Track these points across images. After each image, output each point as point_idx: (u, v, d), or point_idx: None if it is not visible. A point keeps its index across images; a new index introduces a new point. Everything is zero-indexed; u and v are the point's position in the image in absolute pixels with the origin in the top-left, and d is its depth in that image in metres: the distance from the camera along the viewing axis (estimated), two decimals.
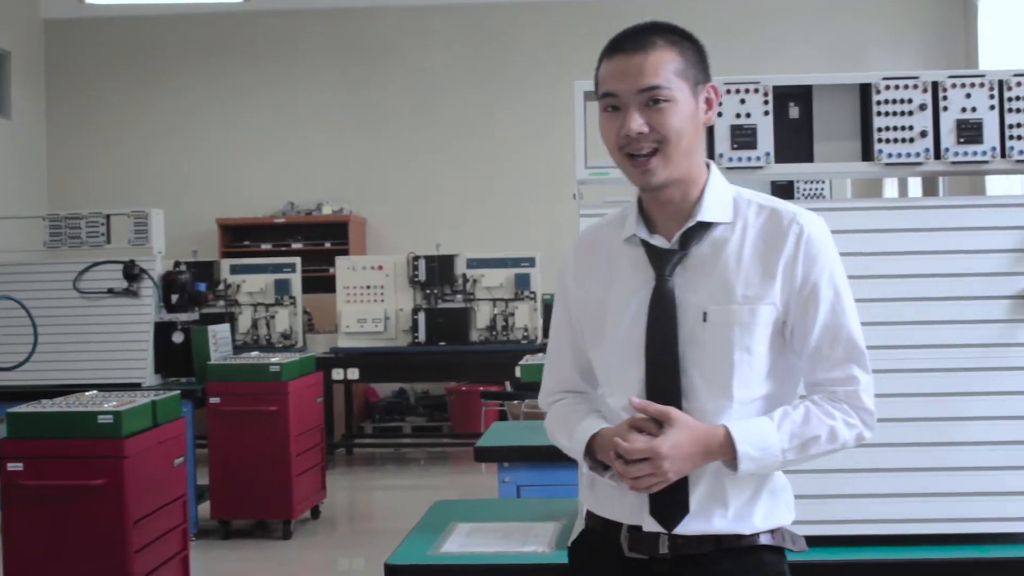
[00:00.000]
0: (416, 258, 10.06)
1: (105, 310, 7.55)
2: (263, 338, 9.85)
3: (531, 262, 10.03)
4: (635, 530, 2.28)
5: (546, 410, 2.49)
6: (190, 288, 7.65)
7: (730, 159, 3.22)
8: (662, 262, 2.27)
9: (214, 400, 7.22)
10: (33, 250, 8.40)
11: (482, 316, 9.99)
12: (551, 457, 4.26)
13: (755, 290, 2.24)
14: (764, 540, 2.28)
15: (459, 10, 12.35)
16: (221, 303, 9.64)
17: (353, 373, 9.72)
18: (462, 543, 3.11)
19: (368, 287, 10.07)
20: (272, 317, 9.89)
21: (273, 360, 7.45)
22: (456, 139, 12.36)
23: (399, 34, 12.37)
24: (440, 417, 11.43)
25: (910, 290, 3.10)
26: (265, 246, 12.05)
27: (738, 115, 3.22)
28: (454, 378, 10.87)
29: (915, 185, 6.65)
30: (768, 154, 3.21)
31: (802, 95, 3.26)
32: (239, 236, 12.28)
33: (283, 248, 11.88)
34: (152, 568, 4.98)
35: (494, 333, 9.93)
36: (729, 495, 2.25)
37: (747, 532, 2.26)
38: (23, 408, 4.88)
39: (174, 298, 7.53)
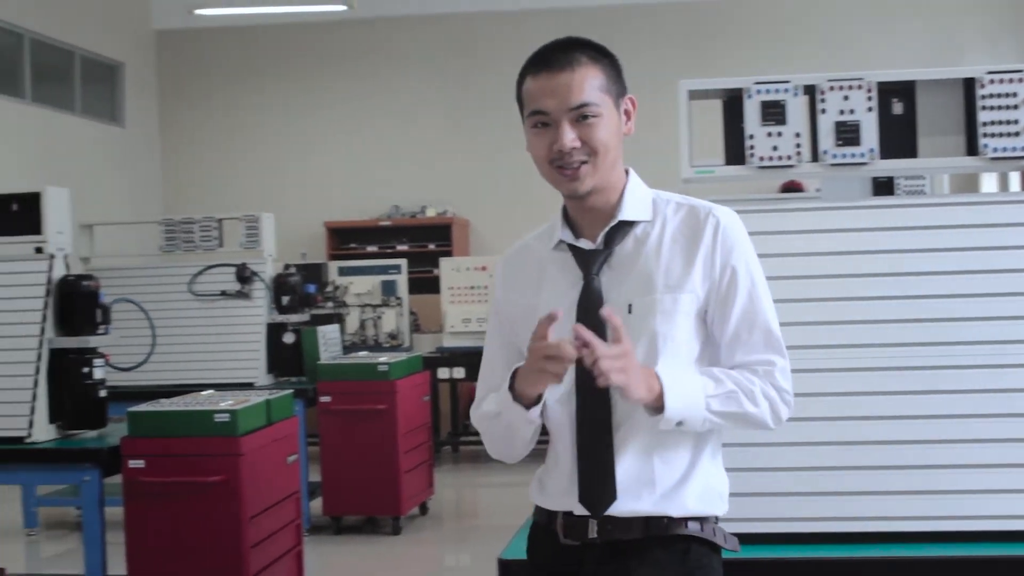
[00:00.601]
0: None
1: (219, 312, 7.68)
2: (370, 338, 10.00)
3: None
4: (568, 516, 2.36)
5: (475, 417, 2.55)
6: (300, 290, 7.77)
7: (834, 156, 3.22)
8: (589, 263, 2.38)
9: (324, 399, 7.35)
10: (149, 254, 8.62)
11: None
12: None
13: (676, 280, 2.34)
14: (693, 530, 2.33)
15: (558, 13, 12.39)
16: (330, 304, 9.79)
17: (459, 372, 9.81)
18: None
19: (472, 287, 10.15)
20: (379, 318, 10.04)
21: (381, 360, 7.56)
22: None
23: (499, 38, 12.45)
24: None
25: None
26: (371, 248, 12.23)
27: (842, 112, 3.22)
28: None
29: (1015, 180, 6.54)
30: (872, 150, 3.21)
31: (905, 91, 3.25)
32: (346, 239, 12.48)
33: (389, 250, 12.04)
34: (267, 563, 5.04)
35: None
36: (657, 475, 2.32)
37: (676, 514, 2.32)
38: (143, 407, 4.98)
39: (285, 300, 7.65)
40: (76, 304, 5.14)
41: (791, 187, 9.74)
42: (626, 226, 2.39)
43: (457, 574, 7.28)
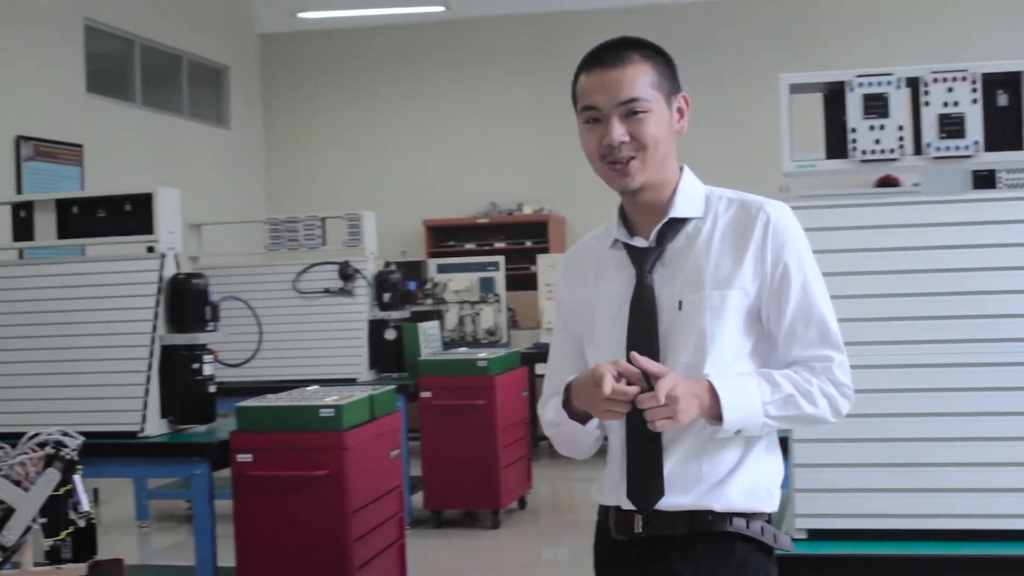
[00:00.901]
0: None
1: (322, 309, 7.76)
2: (469, 335, 10.07)
3: None
4: (618, 511, 2.39)
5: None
6: (401, 287, 7.84)
7: (938, 148, 3.19)
8: (642, 260, 2.39)
9: (425, 394, 7.44)
10: (255, 253, 8.76)
11: None
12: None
13: (725, 276, 2.33)
14: (738, 527, 2.32)
15: (656, 10, 12.36)
16: (429, 301, 9.89)
17: None
18: None
19: None
20: (477, 314, 10.10)
21: (480, 356, 7.62)
22: None
23: (596, 37, 12.38)
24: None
25: None
26: (469, 246, 12.31)
27: (945, 104, 3.19)
28: None
29: None
30: (977, 143, 3.17)
31: (1011, 82, 3.20)
32: (444, 236, 12.58)
33: (486, 247, 12.10)
34: (371, 556, 5.10)
35: None
36: (704, 471, 2.32)
37: (719, 508, 2.31)
38: (250, 403, 5.07)
39: (386, 297, 7.73)
40: (186, 302, 5.25)
41: (886, 182, 9.60)
42: (678, 223, 2.39)
43: (555, 568, 7.31)
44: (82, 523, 2.45)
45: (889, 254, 3.10)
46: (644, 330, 2.35)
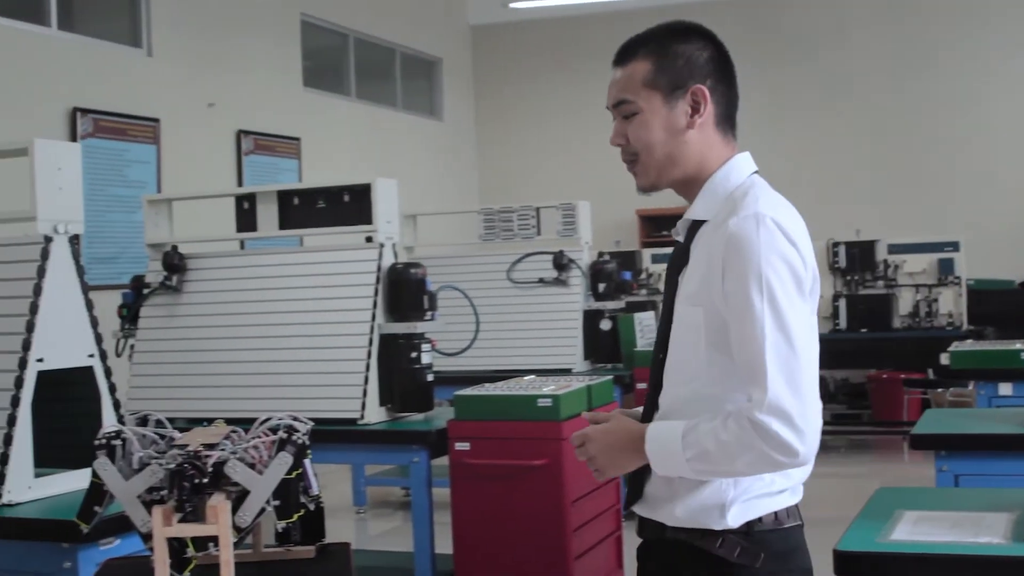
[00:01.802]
0: (835, 244, 9.87)
1: (536, 299, 7.73)
2: None
3: (955, 246, 9.75)
4: None
5: None
6: (616, 277, 7.75)
7: None
8: (671, 262, 2.34)
9: (641, 386, 7.33)
10: (469, 243, 8.83)
11: (904, 302, 9.80)
12: (994, 446, 4.07)
13: (693, 290, 2.20)
14: (691, 540, 2.24)
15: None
16: (644, 291, 9.80)
17: None
18: (911, 531, 3.01)
19: None
20: None
21: None
22: (875, 121, 11.99)
23: (818, 23, 12.14)
24: (860, 405, 11.14)
25: None
26: None
27: None
28: (875, 365, 10.62)
29: None
30: None
31: None
32: (658, 226, 12.46)
33: None
34: (588, 547, 5.06)
35: (917, 319, 9.71)
36: (668, 487, 2.26)
37: (668, 523, 2.28)
38: (468, 392, 5.08)
39: (601, 287, 7.66)
40: (404, 291, 5.29)
41: None
42: (697, 225, 2.28)
43: None
44: (311, 507, 2.46)
45: None
46: (659, 336, 2.32)
